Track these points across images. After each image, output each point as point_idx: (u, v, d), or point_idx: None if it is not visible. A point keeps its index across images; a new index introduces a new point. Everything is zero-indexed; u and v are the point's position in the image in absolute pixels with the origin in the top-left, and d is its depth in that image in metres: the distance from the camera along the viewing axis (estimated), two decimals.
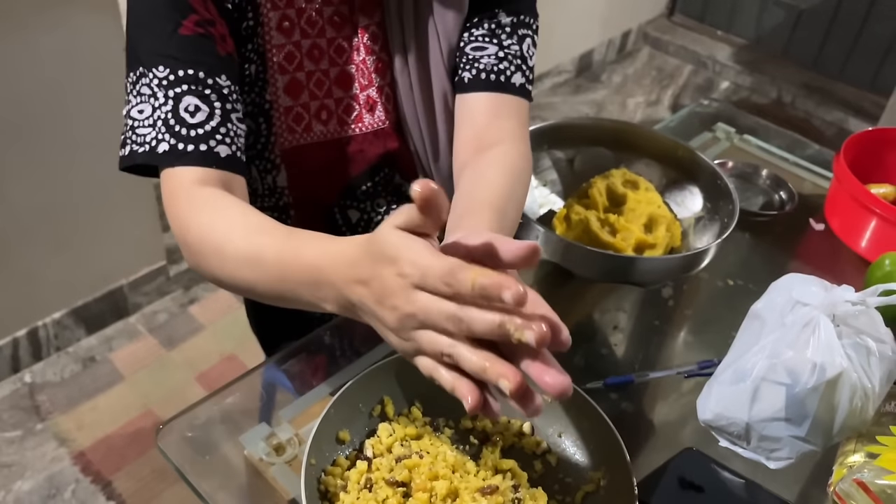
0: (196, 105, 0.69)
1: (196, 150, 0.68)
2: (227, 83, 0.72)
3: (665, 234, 0.88)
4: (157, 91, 0.69)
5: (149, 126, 0.69)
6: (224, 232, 0.64)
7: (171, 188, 0.69)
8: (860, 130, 2.50)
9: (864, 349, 0.67)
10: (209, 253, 0.65)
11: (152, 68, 0.69)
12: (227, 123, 0.71)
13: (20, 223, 1.57)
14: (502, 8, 0.84)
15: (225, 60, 0.72)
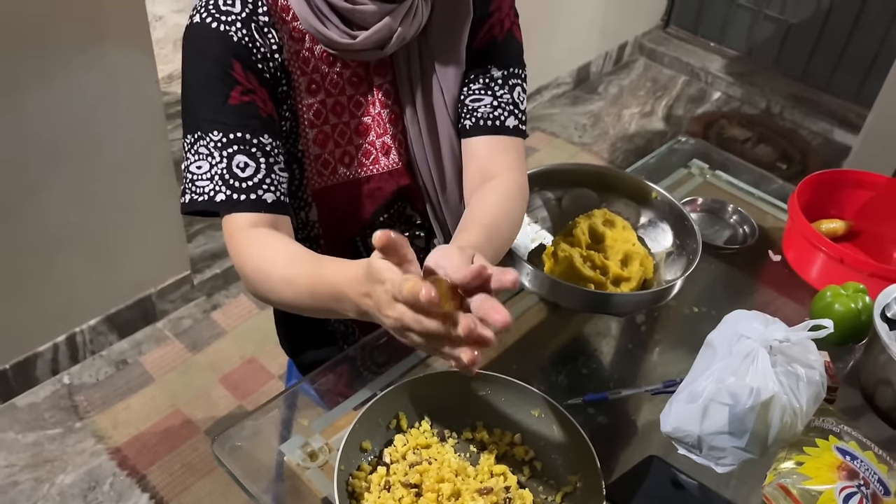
0: (245, 162, 0.84)
1: (248, 199, 0.84)
2: (269, 140, 0.86)
3: (639, 268, 1.02)
4: (213, 151, 0.84)
5: (207, 180, 0.84)
6: (270, 263, 0.81)
7: (230, 231, 0.85)
8: (843, 141, 2.62)
9: (794, 375, 0.81)
10: (262, 280, 0.82)
11: (208, 133, 0.84)
12: (271, 174, 0.86)
13: (61, 238, 1.72)
14: (494, 64, 0.99)
15: (266, 121, 0.87)
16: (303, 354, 1.15)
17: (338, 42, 0.88)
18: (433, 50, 0.96)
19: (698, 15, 3.34)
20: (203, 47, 0.85)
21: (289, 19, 0.89)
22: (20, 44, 1.47)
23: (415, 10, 0.91)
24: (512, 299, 1.03)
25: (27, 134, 1.56)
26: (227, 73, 0.84)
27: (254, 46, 0.86)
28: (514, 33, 1.01)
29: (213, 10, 0.85)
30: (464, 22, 0.96)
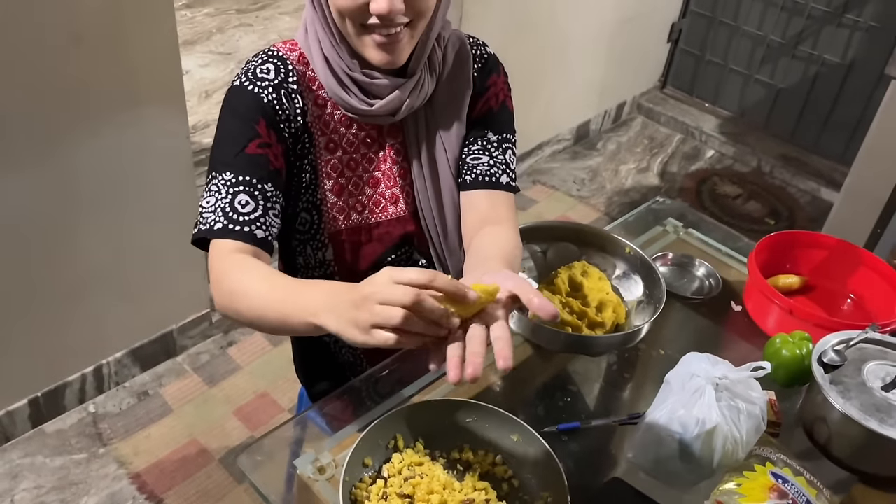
0: (247, 200, 0.98)
1: (241, 231, 0.97)
2: (271, 189, 1.01)
3: (612, 314, 1.16)
4: (221, 189, 0.98)
5: (211, 212, 0.98)
6: (249, 280, 0.92)
7: (216, 253, 0.97)
8: (829, 200, 2.75)
9: (736, 409, 0.95)
10: (238, 295, 0.92)
11: (222, 173, 0.99)
12: (266, 216, 0.99)
13: (94, 277, 1.88)
14: (490, 129, 1.15)
15: (273, 173, 1.02)
16: (315, 384, 1.30)
17: (357, 108, 1.05)
18: (438, 117, 1.12)
19: (694, 77, 3.54)
20: (237, 105, 1.02)
21: (314, 88, 1.06)
22: (67, 106, 1.64)
23: (422, 83, 1.07)
24: None
25: (71, 184, 1.73)
26: (252, 127, 1.00)
27: (280, 108, 1.02)
28: (507, 105, 1.18)
29: (252, 77, 1.02)
30: (465, 95, 1.13)
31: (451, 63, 1.11)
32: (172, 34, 1.77)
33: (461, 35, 1.14)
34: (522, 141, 2.93)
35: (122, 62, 1.69)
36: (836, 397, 1.00)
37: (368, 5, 0.94)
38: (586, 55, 3.07)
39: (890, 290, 1.25)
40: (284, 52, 1.06)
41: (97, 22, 1.60)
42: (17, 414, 1.88)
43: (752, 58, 3.30)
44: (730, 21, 3.31)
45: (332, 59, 1.03)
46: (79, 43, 1.59)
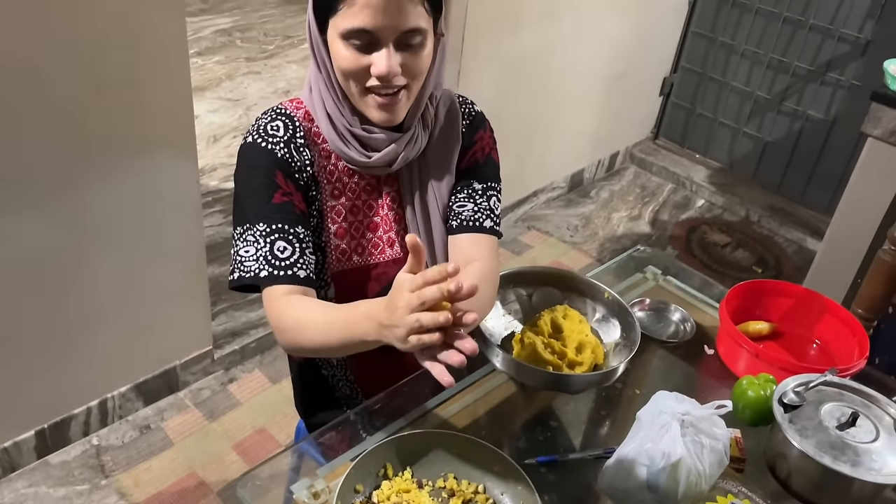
0: (284, 246, 1.09)
1: (285, 274, 1.08)
2: (302, 230, 1.12)
3: (590, 355, 1.25)
4: (259, 239, 1.09)
5: (253, 261, 1.09)
6: (305, 315, 1.05)
7: (270, 299, 1.08)
8: (815, 250, 2.84)
9: (700, 444, 1.03)
10: (299, 330, 1.05)
11: (255, 224, 1.10)
12: (303, 256, 1.10)
13: (103, 313, 1.96)
14: (476, 179, 1.25)
15: (300, 216, 1.13)
16: (314, 416, 1.37)
17: (357, 160, 1.15)
18: (430, 168, 1.22)
19: (685, 129, 3.67)
20: (254, 161, 1.12)
21: (319, 142, 1.17)
22: (87, 151, 1.75)
23: (416, 138, 1.18)
24: (485, 377, 1.26)
25: (85, 224, 1.82)
26: (272, 181, 1.11)
27: (292, 161, 1.13)
28: (492, 157, 1.28)
29: (263, 134, 1.13)
30: (454, 148, 1.24)
31: (442, 119, 1.22)
32: (186, 85, 1.88)
33: (451, 94, 1.25)
34: (518, 188, 3.07)
35: (138, 110, 1.80)
36: (794, 435, 1.08)
37: (370, 68, 1.05)
38: (580, 107, 3.21)
39: (851, 336, 1.34)
40: (291, 109, 1.17)
41: (118, 74, 1.72)
42: (24, 445, 1.95)
43: (741, 112, 3.43)
44: (719, 77, 3.45)
45: (335, 115, 1.14)
46: (101, 94, 1.71)
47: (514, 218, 3.13)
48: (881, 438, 1.09)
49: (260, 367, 2.36)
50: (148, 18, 1.71)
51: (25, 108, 1.61)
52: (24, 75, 1.58)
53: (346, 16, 1.02)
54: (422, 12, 1.04)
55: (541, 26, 2.76)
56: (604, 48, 3.13)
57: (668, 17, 3.38)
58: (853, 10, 2.98)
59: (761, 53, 3.27)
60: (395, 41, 1.04)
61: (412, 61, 1.07)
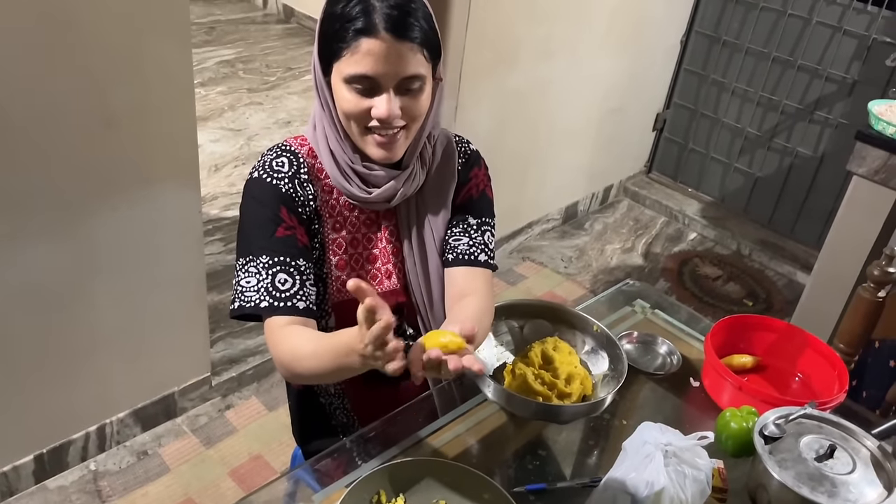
0: (285, 278, 1.14)
1: (285, 306, 1.13)
2: (303, 263, 1.16)
3: (579, 386, 1.29)
4: (261, 271, 1.14)
5: (254, 291, 1.13)
6: (300, 345, 1.10)
7: (270, 329, 1.13)
8: (805, 283, 2.87)
9: (683, 474, 1.07)
10: (294, 360, 1.10)
11: (259, 257, 1.14)
12: (304, 288, 1.15)
13: (103, 338, 2.00)
14: (471, 214, 1.31)
15: (302, 250, 1.17)
16: (310, 443, 1.41)
17: (357, 196, 1.20)
18: (427, 203, 1.28)
19: (678, 163, 3.74)
20: (259, 195, 1.18)
21: (322, 178, 1.22)
22: (92, 181, 1.80)
23: (414, 175, 1.23)
24: (477, 407, 1.30)
25: (89, 252, 1.87)
26: (276, 215, 1.16)
27: (296, 196, 1.18)
28: (486, 193, 1.34)
29: (268, 169, 1.18)
30: (450, 185, 1.29)
31: (439, 158, 1.28)
32: (192, 118, 1.94)
33: (448, 134, 1.31)
34: (513, 219, 3.12)
35: (145, 142, 1.85)
36: (774, 466, 1.12)
37: (371, 110, 1.11)
38: (575, 141, 3.28)
39: (832, 370, 1.38)
40: (296, 146, 1.22)
41: (127, 108, 1.78)
42: (23, 469, 1.98)
43: (732, 148, 3.50)
44: (710, 113, 3.53)
45: (337, 152, 1.19)
46: (109, 126, 1.76)
47: (509, 249, 3.19)
48: (858, 470, 1.13)
49: (257, 394, 2.39)
50: (156, 54, 1.77)
51: (36, 140, 1.66)
52: (35, 108, 1.63)
53: (350, 62, 1.08)
54: (421, 60, 1.10)
55: (536, 65, 2.84)
56: (598, 85, 3.21)
57: (660, 55, 3.46)
58: (840, 51, 3.07)
59: (751, 91, 3.36)
60: (395, 86, 1.10)
61: (411, 105, 1.12)
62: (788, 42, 3.20)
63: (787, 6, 3.16)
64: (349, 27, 1.07)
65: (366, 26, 1.06)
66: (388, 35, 1.06)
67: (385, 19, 1.06)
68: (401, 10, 1.07)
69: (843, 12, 3.03)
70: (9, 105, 1.59)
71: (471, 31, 2.50)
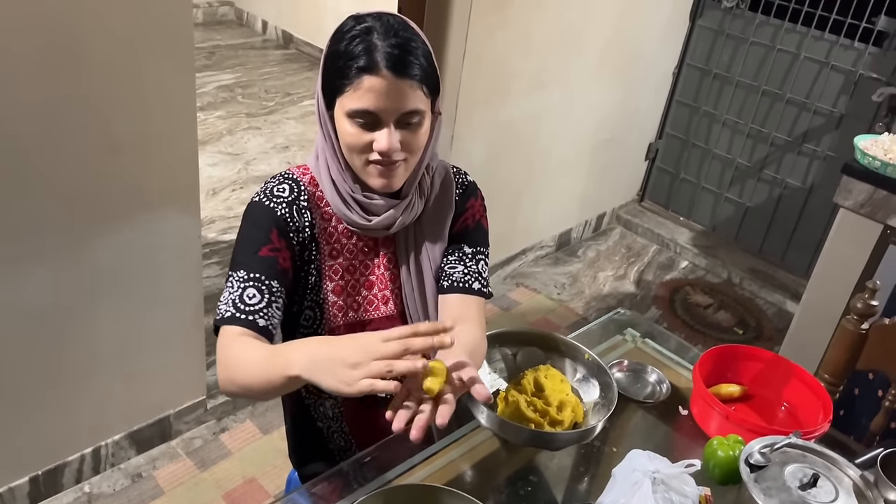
0: (254, 293, 1.16)
1: (245, 319, 1.14)
2: (277, 286, 1.18)
3: (570, 413, 1.32)
4: (234, 284, 1.16)
5: (224, 304, 1.16)
6: (243, 352, 1.10)
7: (222, 337, 1.14)
8: (794, 312, 2.90)
9: (670, 501, 1.10)
10: (234, 366, 1.09)
11: (237, 271, 1.17)
12: (269, 308, 1.16)
13: (100, 361, 2.02)
14: (466, 243, 1.35)
15: (280, 272, 1.19)
16: (306, 466, 1.43)
17: (358, 223, 1.24)
18: (424, 232, 1.32)
19: (670, 192, 3.80)
20: (255, 217, 1.22)
21: (322, 205, 1.26)
22: (95, 205, 1.83)
23: (412, 204, 1.28)
24: (470, 433, 1.33)
25: (88, 274, 1.90)
26: (266, 235, 1.19)
27: (291, 221, 1.22)
28: (481, 223, 1.38)
29: (269, 194, 1.22)
30: (447, 215, 1.33)
31: (437, 188, 1.32)
32: (193, 143, 1.98)
33: (447, 165, 1.35)
34: (507, 245, 3.17)
35: (147, 167, 1.89)
36: (759, 494, 1.15)
37: (372, 143, 1.15)
38: (568, 170, 3.33)
39: (816, 400, 1.42)
40: (298, 175, 1.27)
41: (130, 134, 1.82)
42: (18, 491, 1.99)
43: (723, 178, 3.57)
44: (702, 144, 3.60)
45: (339, 182, 1.23)
46: (113, 151, 1.80)
47: (503, 275, 3.23)
48: (840, 499, 1.16)
49: (251, 418, 2.41)
50: (159, 81, 1.82)
51: (42, 165, 1.70)
52: (41, 134, 1.67)
53: (352, 97, 1.13)
54: (420, 96, 1.15)
55: (530, 96, 2.91)
56: (591, 115, 3.28)
57: (652, 86, 3.54)
58: (827, 86, 3.14)
59: (742, 123, 3.43)
60: (395, 121, 1.14)
61: (410, 138, 1.17)
62: (777, 76, 3.27)
63: (776, 41, 3.24)
64: (352, 65, 1.11)
65: (368, 64, 1.10)
66: (389, 73, 1.11)
67: (386, 58, 1.10)
68: (401, 49, 1.12)
69: (831, 48, 3.11)
70: (15, 131, 1.63)
71: (467, 63, 2.56)
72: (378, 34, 1.12)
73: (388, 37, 1.12)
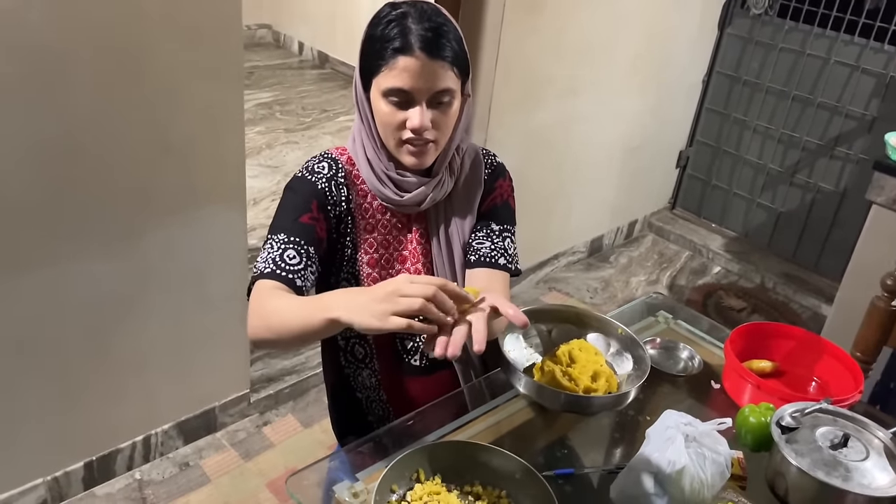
0: (293, 255, 1.23)
1: (284, 276, 1.21)
2: (314, 252, 1.26)
3: (605, 383, 1.36)
4: (275, 245, 1.24)
5: (263, 262, 1.23)
6: (281, 300, 1.15)
7: (258, 288, 1.20)
8: (827, 315, 2.89)
9: (703, 456, 1.13)
10: (270, 313, 1.14)
11: (278, 234, 1.25)
12: (306, 270, 1.23)
13: (150, 354, 2.11)
14: (493, 221, 1.41)
15: (317, 241, 1.27)
16: (347, 437, 1.50)
17: (391, 198, 1.32)
18: (454, 209, 1.39)
19: (701, 200, 3.82)
20: (296, 188, 1.30)
21: (358, 183, 1.34)
22: (149, 203, 1.94)
23: (443, 182, 1.35)
24: (510, 401, 1.39)
25: (143, 270, 1.99)
26: (306, 205, 1.27)
27: (329, 195, 1.30)
28: (509, 203, 1.45)
29: (310, 171, 1.31)
30: (476, 193, 1.41)
31: (467, 168, 1.40)
32: (241, 145, 2.09)
33: (476, 147, 1.43)
34: (540, 250, 3.22)
35: (197, 167, 2.00)
36: (790, 453, 1.19)
37: (405, 122, 1.23)
38: (599, 176, 3.39)
39: (849, 375, 1.45)
40: (336, 154, 1.35)
41: (183, 136, 1.93)
42: (73, 475, 2.08)
43: (754, 184, 3.59)
44: (732, 150, 3.63)
45: (374, 160, 1.31)
46: (167, 152, 1.91)
47: (535, 279, 3.27)
48: (871, 458, 1.19)
49: (293, 412, 2.48)
50: (211, 87, 1.93)
51: (100, 165, 1.81)
52: (101, 135, 1.78)
53: (388, 77, 1.21)
54: (451, 76, 1.23)
55: (561, 101, 2.98)
56: (621, 122, 3.33)
57: (682, 94, 3.59)
58: (858, 89, 3.17)
59: (773, 129, 3.45)
60: (427, 100, 1.22)
61: (441, 118, 1.24)
62: (808, 81, 3.30)
63: (806, 47, 3.27)
64: (388, 46, 1.20)
65: (403, 46, 1.19)
66: (422, 54, 1.19)
67: (420, 40, 1.19)
68: (434, 33, 1.20)
69: (861, 52, 3.13)
70: (78, 132, 1.74)
71: (499, 68, 2.64)
72: (413, 18, 1.20)
73: (422, 21, 1.20)
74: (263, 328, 1.15)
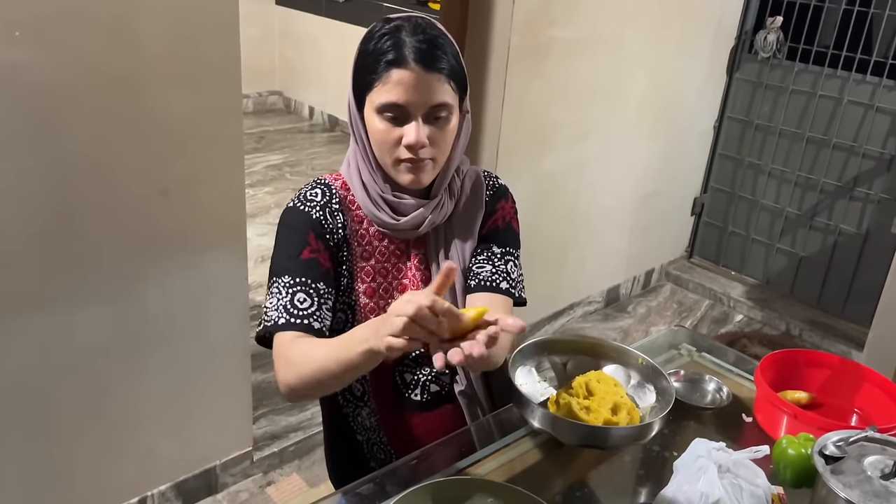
0: (304, 298, 1.16)
1: (301, 323, 1.15)
2: (323, 287, 1.19)
3: (626, 416, 1.25)
4: (282, 290, 1.17)
5: (274, 311, 1.16)
6: (309, 349, 1.10)
7: (280, 342, 1.14)
8: (858, 361, 2.79)
9: (739, 487, 1.02)
10: (301, 363, 1.09)
11: (282, 277, 1.18)
12: (321, 310, 1.17)
13: (148, 411, 2.01)
14: (495, 244, 1.33)
15: (324, 273, 1.20)
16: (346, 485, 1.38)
17: (387, 223, 1.25)
18: (455, 232, 1.31)
19: (719, 247, 3.73)
20: (290, 222, 1.23)
21: (353, 208, 1.27)
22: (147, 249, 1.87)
23: (442, 204, 1.28)
24: (522, 438, 1.27)
25: (139, 320, 1.90)
26: (304, 238, 1.20)
27: (325, 222, 1.23)
28: (511, 225, 1.37)
29: (303, 199, 1.25)
30: (478, 216, 1.33)
31: (467, 190, 1.33)
32: (241, 188, 2.03)
33: (477, 170, 1.36)
34: (554, 301, 3.12)
35: (195, 211, 1.94)
36: (836, 484, 1.06)
37: (401, 139, 1.17)
38: (613, 224, 3.31)
39: (893, 404, 1.32)
40: (330, 180, 1.29)
41: (181, 179, 1.88)
42: None
43: (773, 229, 3.49)
44: (748, 196, 3.55)
45: (369, 183, 1.25)
46: (165, 195, 1.86)
47: (551, 330, 3.16)
48: None
49: (298, 471, 2.35)
50: (209, 124, 1.89)
51: (99, 208, 1.76)
52: (99, 178, 1.73)
53: (381, 92, 1.15)
54: (448, 90, 1.17)
55: (571, 147, 2.93)
56: (633, 169, 3.28)
57: (694, 140, 3.54)
58: (874, 128, 3.10)
59: (788, 172, 3.38)
60: (423, 115, 1.16)
61: (438, 134, 1.18)
62: (821, 122, 3.25)
63: (817, 88, 3.23)
64: (381, 59, 1.14)
65: (396, 58, 1.13)
66: (417, 66, 1.13)
67: (414, 52, 1.13)
68: (429, 45, 1.15)
69: (874, 90, 3.08)
70: (77, 175, 1.70)
71: (506, 110, 2.61)
72: (407, 31, 1.15)
73: (416, 33, 1.15)
74: (298, 380, 1.11)
